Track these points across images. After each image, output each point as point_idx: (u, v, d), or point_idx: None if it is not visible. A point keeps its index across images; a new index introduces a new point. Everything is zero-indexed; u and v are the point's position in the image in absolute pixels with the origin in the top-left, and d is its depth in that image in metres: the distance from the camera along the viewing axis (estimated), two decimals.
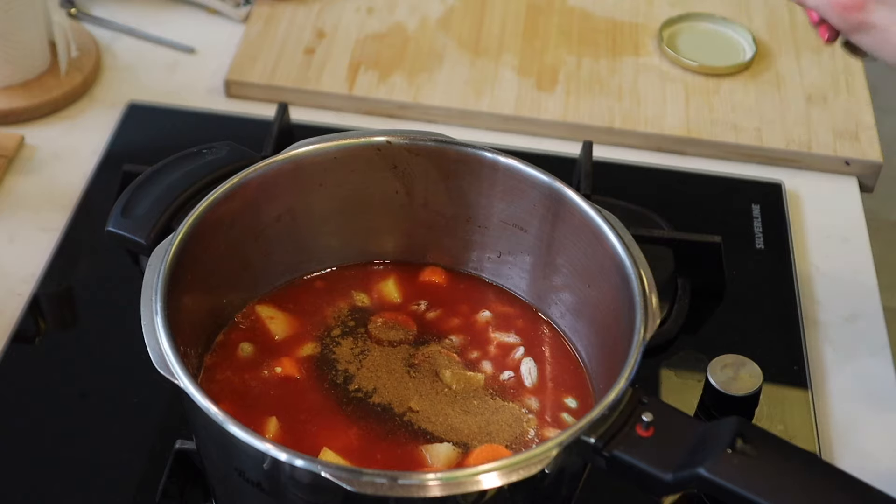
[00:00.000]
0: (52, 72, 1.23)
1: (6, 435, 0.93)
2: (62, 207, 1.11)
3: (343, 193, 0.93)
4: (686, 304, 1.05)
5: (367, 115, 1.24)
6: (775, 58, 1.32)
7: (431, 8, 1.36)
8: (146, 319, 0.78)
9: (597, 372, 0.88)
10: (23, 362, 0.99)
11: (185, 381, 0.74)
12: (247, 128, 1.20)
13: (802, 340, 1.03)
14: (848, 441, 0.97)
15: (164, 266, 0.81)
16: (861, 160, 1.21)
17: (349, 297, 0.94)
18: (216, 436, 0.75)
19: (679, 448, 0.72)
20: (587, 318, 0.90)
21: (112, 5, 1.35)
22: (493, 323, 0.93)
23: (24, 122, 1.20)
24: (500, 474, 0.70)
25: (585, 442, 0.72)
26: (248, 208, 0.89)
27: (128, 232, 0.86)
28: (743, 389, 0.91)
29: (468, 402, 0.86)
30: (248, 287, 0.93)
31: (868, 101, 1.27)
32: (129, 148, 1.18)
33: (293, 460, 0.70)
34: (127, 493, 0.90)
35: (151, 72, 1.28)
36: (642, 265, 0.83)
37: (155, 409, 0.95)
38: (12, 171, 1.15)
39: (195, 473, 0.89)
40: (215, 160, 0.90)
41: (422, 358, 0.89)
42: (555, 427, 0.85)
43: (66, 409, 0.95)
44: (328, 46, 1.29)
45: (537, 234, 0.92)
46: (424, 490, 0.70)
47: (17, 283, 1.04)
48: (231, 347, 0.90)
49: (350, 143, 0.91)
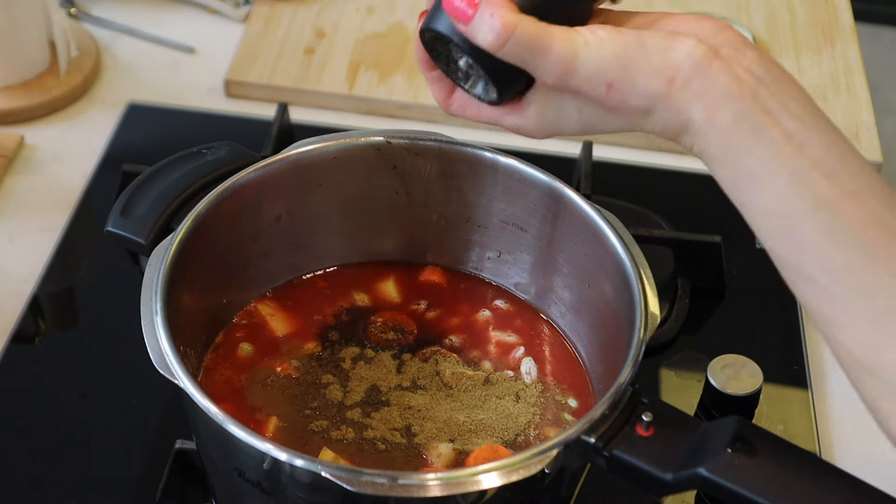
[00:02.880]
0: (52, 72, 1.23)
1: (6, 435, 0.93)
2: (62, 207, 1.11)
3: (343, 193, 0.93)
4: (686, 304, 1.05)
5: (367, 115, 1.24)
6: (775, 58, 1.32)
7: None
8: (146, 319, 0.78)
9: (597, 372, 0.88)
10: (23, 362, 0.99)
11: (185, 381, 0.74)
12: (247, 128, 1.20)
13: (802, 340, 1.03)
14: (848, 441, 0.97)
15: (164, 266, 0.81)
16: None
17: (349, 296, 0.95)
18: (216, 436, 0.75)
19: (679, 448, 0.72)
20: (587, 318, 0.90)
21: (112, 5, 1.35)
22: (493, 322, 0.93)
23: (24, 122, 1.20)
24: (500, 474, 0.70)
25: (585, 442, 0.72)
26: (247, 208, 0.89)
27: (128, 232, 0.86)
28: (743, 389, 0.91)
29: (468, 401, 0.86)
30: (248, 287, 0.93)
31: (868, 101, 1.27)
32: (129, 148, 1.18)
33: (293, 460, 0.70)
34: (127, 493, 0.90)
35: (151, 72, 1.28)
36: (642, 265, 0.83)
37: (155, 409, 0.95)
38: (12, 171, 1.15)
39: (195, 473, 0.89)
40: (215, 160, 0.90)
41: (422, 357, 0.89)
42: (555, 427, 0.85)
43: (66, 409, 0.95)
44: (328, 46, 1.29)
45: (537, 234, 0.92)
46: (424, 490, 0.70)
47: (17, 283, 1.04)
48: (231, 347, 0.90)
49: (350, 143, 0.91)
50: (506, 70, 0.69)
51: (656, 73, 0.66)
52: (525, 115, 0.72)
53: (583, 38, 0.66)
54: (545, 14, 0.68)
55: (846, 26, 1.37)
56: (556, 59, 0.66)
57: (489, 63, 0.69)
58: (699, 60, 0.65)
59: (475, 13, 0.67)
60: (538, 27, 0.66)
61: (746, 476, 0.69)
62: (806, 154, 0.64)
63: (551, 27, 0.67)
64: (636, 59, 0.66)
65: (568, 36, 0.67)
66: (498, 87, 0.71)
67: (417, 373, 0.88)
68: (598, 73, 0.66)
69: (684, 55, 0.66)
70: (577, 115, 0.70)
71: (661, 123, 0.68)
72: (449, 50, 0.72)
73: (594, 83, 0.67)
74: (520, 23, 0.66)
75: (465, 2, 0.67)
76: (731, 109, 0.65)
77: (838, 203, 0.64)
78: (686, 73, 0.65)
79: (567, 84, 0.67)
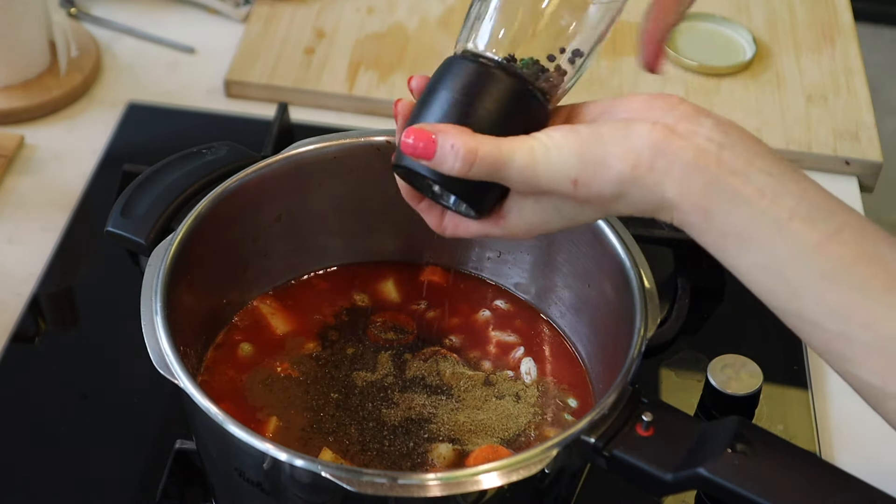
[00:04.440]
0: (52, 72, 1.23)
1: (6, 435, 0.93)
2: (62, 207, 1.11)
3: (343, 193, 0.93)
4: (686, 304, 1.04)
5: (367, 115, 1.24)
6: (775, 58, 1.32)
7: (431, 8, 1.36)
8: (146, 319, 0.78)
9: (597, 372, 0.89)
10: (23, 362, 0.99)
11: (185, 381, 0.74)
12: (247, 128, 1.20)
13: (802, 340, 1.03)
14: (848, 441, 0.97)
15: (164, 266, 0.81)
16: (861, 160, 1.21)
17: (349, 296, 0.95)
18: (216, 436, 0.75)
19: (679, 448, 0.72)
20: (587, 318, 0.90)
21: (112, 5, 1.35)
22: (493, 322, 0.93)
23: (24, 122, 1.20)
24: (500, 474, 0.70)
25: (585, 442, 0.72)
26: (247, 208, 0.89)
27: (128, 232, 0.86)
28: (743, 389, 0.91)
29: (468, 401, 0.86)
30: (248, 287, 0.93)
31: (868, 101, 1.27)
32: (129, 148, 1.18)
33: (293, 460, 0.70)
34: (127, 493, 0.90)
35: (151, 72, 1.28)
36: (642, 265, 0.83)
37: (155, 409, 0.95)
38: (12, 171, 1.15)
39: (195, 473, 0.89)
40: (215, 160, 0.90)
41: (422, 358, 0.89)
42: (555, 427, 0.85)
43: (66, 409, 0.95)
44: (328, 46, 1.29)
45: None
46: (424, 490, 0.70)
47: (17, 283, 1.04)
48: (231, 347, 0.90)
49: (350, 143, 0.91)
50: (478, 187, 0.71)
51: (618, 160, 0.68)
52: (509, 222, 0.74)
53: (540, 144, 0.69)
54: (501, 130, 0.70)
55: (846, 26, 1.37)
56: (519, 169, 0.69)
57: (460, 186, 0.71)
58: (657, 140, 0.67)
59: (436, 148, 0.69)
60: (496, 144, 0.69)
61: (746, 476, 0.69)
62: (781, 205, 0.66)
63: (510, 140, 0.69)
64: (594, 152, 0.68)
65: (526, 146, 0.69)
66: (475, 205, 0.73)
67: (417, 373, 0.88)
68: (561, 172, 0.68)
69: (641, 138, 0.67)
70: (556, 212, 0.72)
71: (635, 204, 0.69)
72: (423, 179, 0.74)
73: (560, 182, 0.69)
74: (479, 145, 0.69)
75: (421, 142, 0.69)
76: (700, 180, 0.67)
77: (824, 246, 0.66)
78: (647, 156, 0.67)
79: (536, 188, 0.70)
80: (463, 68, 0.72)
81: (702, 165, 0.67)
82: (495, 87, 0.71)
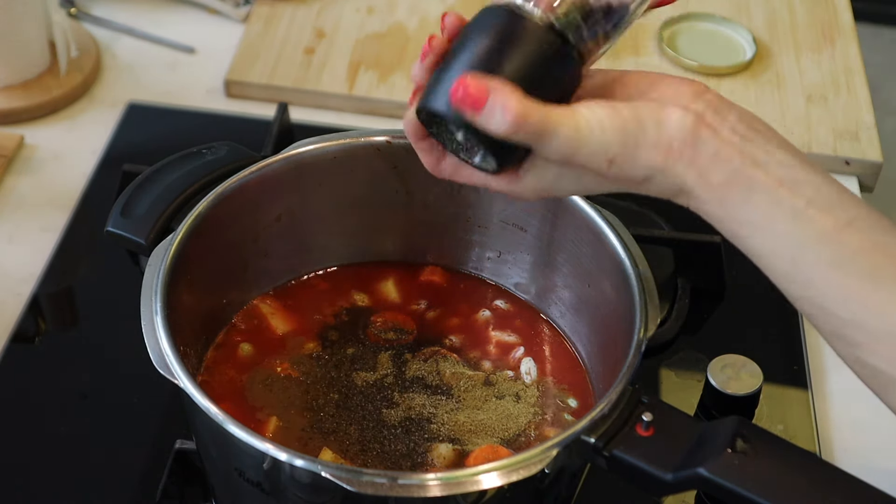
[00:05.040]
0: (52, 72, 1.23)
1: (6, 435, 0.93)
2: (62, 207, 1.11)
3: (343, 193, 0.93)
4: (686, 304, 1.04)
5: (367, 115, 1.24)
6: (775, 58, 1.32)
7: (431, 8, 1.36)
8: (146, 319, 0.78)
9: (597, 372, 0.89)
10: (23, 362, 0.99)
11: (185, 381, 0.74)
12: (247, 128, 1.20)
13: (802, 340, 1.03)
14: (848, 441, 0.97)
15: (164, 266, 0.81)
16: (861, 160, 1.21)
17: (349, 296, 0.95)
18: (216, 436, 0.75)
19: (679, 448, 0.72)
20: (587, 318, 0.90)
21: (112, 5, 1.35)
22: (493, 322, 0.93)
23: (24, 122, 1.20)
24: (500, 474, 0.70)
25: (585, 442, 0.72)
26: (247, 208, 0.89)
27: (128, 232, 0.86)
28: (743, 389, 0.91)
29: (468, 401, 0.86)
30: (248, 287, 0.93)
31: (868, 101, 1.27)
32: (128, 148, 1.18)
33: (293, 460, 0.70)
34: (127, 493, 0.90)
35: (151, 72, 1.28)
36: (642, 265, 0.83)
37: (155, 409, 0.95)
38: (12, 171, 1.15)
39: (195, 473, 0.89)
40: (215, 160, 0.90)
41: (422, 357, 0.89)
42: (555, 427, 0.85)
43: (66, 409, 0.95)
44: (328, 46, 1.29)
45: (537, 234, 0.92)
46: (424, 490, 0.70)
47: (17, 283, 1.04)
48: (231, 347, 0.90)
49: (350, 143, 0.91)
50: (508, 147, 0.70)
51: (654, 147, 0.69)
52: (522, 182, 0.74)
53: (585, 120, 0.69)
54: (542, 91, 0.69)
55: (846, 26, 1.37)
56: (562, 141, 0.69)
57: (492, 142, 0.70)
58: (690, 130, 0.69)
59: (486, 104, 0.68)
60: (545, 113, 0.68)
61: (746, 476, 0.69)
62: (799, 194, 0.68)
63: (558, 112, 0.69)
64: (634, 135, 0.69)
65: (573, 121, 0.69)
66: (499, 161, 0.72)
67: (417, 373, 0.88)
68: (601, 151, 0.69)
69: (677, 127, 0.69)
70: (576, 181, 0.73)
71: (656, 189, 0.71)
72: (446, 125, 0.72)
73: (597, 159, 0.70)
74: (529, 111, 0.68)
75: (474, 93, 0.68)
76: (723, 171, 0.69)
77: (838, 234, 0.68)
78: (678, 145, 0.69)
79: (570, 160, 0.70)
80: (509, 21, 0.70)
81: (725, 158, 0.68)
82: (540, 45, 0.70)
